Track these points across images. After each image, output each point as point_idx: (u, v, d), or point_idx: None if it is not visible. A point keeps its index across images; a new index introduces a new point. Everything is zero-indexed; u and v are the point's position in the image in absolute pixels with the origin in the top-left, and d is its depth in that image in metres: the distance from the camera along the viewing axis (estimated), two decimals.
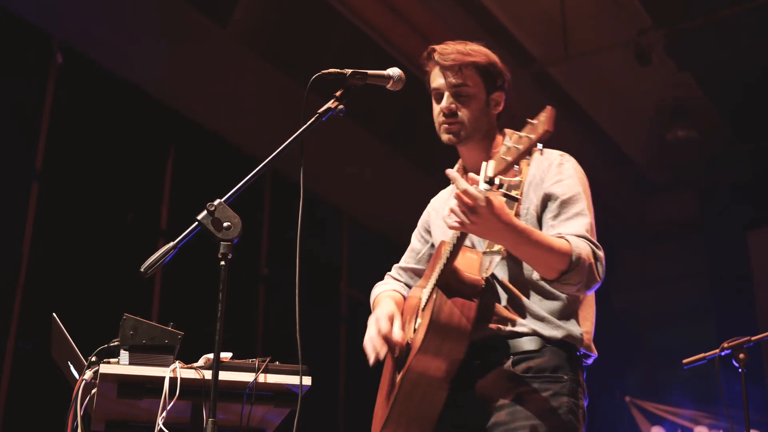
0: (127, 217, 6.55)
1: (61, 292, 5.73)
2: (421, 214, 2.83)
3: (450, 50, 2.52)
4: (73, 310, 4.70)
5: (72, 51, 6.12)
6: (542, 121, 1.96)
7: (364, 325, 2.52)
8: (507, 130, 2.54)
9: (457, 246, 2.26)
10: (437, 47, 2.54)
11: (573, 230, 2.29)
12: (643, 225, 10.37)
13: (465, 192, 2.05)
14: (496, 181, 2.01)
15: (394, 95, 2.55)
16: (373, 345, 2.42)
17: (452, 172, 2.12)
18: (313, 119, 2.31)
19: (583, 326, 2.42)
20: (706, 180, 9.53)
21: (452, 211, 2.10)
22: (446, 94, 2.50)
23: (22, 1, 5.78)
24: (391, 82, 2.48)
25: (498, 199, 2.06)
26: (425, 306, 2.36)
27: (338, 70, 2.38)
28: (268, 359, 2.57)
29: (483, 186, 2.02)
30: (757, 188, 8.89)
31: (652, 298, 9.89)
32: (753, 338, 3.76)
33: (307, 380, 2.43)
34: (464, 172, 2.59)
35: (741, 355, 3.71)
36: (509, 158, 1.99)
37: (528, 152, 1.97)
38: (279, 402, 2.63)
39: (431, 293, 2.31)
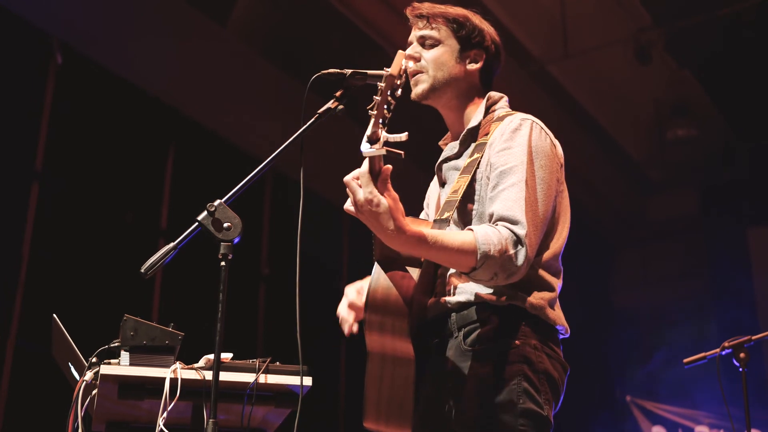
0: (127, 217, 6.55)
1: (61, 292, 5.73)
2: (418, 210, 2.82)
3: (425, 4, 2.53)
4: (74, 311, 4.70)
5: (72, 51, 6.12)
6: (392, 65, 1.98)
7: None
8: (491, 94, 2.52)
9: None
10: (415, 2, 2.54)
11: (500, 207, 2.18)
12: (643, 223, 10.38)
13: (347, 184, 2.01)
14: (381, 138, 1.93)
15: None
16: (341, 316, 2.44)
17: (346, 179, 2.03)
18: (312, 119, 2.30)
19: (542, 291, 2.29)
20: (706, 178, 9.54)
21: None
22: (414, 43, 2.52)
23: (21, 1, 5.77)
24: None
25: (383, 201, 1.97)
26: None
27: (338, 70, 2.36)
28: (268, 360, 2.56)
29: (365, 147, 1.95)
30: (757, 186, 8.90)
31: (652, 297, 9.89)
32: (754, 337, 3.76)
33: (307, 380, 2.43)
34: (453, 140, 2.58)
35: (741, 355, 3.71)
36: (375, 111, 1.95)
37: (386, 102, 1.95)
38: (280, 402, 2.62)
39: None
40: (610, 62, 7.89)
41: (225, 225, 2.12)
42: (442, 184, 2.53)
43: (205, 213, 2.12)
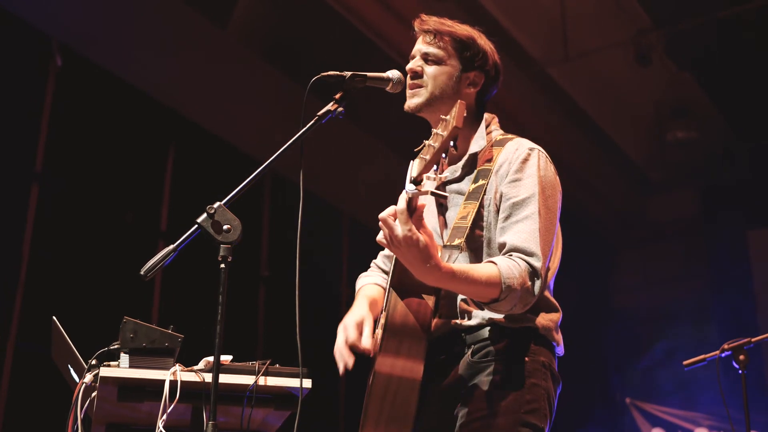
0: (127, 218, 6.55)
1: (61, 292, 5.73)
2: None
3: (433, 19, 2.53)
4: (74, 313, 4.70)
5: (71, 52, 6.12)
6: (453, 116, 1.98)
7: None
8: (487, 115, 2.54)
9: None
10: (423, 15, 2.55)
11: (515, 239, 2.25)
12: (643, 223, 10.39)
13: (384, 221, 2.04)
14: (425, 179, 1.97)
15: (394, 96, 2.55)
16: (340, 354, 2.37)
17: (382, 216, 2.06)
18: (312, 122, 2.31)
19: (548, 314, 2.38)
20: (706, 179, 9.54)
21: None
22: (417, 57, 2.52)
23: (22, 3, 5.78)
24: (390, 84, 2.47)
25: (421, 238, 2.01)
26: (385, 305, 2.35)
27: (338, 72, 2.37)
28: (268, 362, 2.57)
29: (409, 187, 1.99)
30: (757, 187, 8.90)
31: (652, 297, 9.89)
32: (753, 339, 3.76)
33: (307, 383, 2.43)
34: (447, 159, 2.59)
35: (741, 357, 3.72)
36: (428, 157, 1.98)
37: (444, 150, 1.97)
38: (279, 405, 2.63)
39: (387, 293, 2.29)
40: (610, 64, 7.89)
41: (224, 227, 2.12)
42: (440, 205, 2.54)
43: (204, 215, 2.12)
